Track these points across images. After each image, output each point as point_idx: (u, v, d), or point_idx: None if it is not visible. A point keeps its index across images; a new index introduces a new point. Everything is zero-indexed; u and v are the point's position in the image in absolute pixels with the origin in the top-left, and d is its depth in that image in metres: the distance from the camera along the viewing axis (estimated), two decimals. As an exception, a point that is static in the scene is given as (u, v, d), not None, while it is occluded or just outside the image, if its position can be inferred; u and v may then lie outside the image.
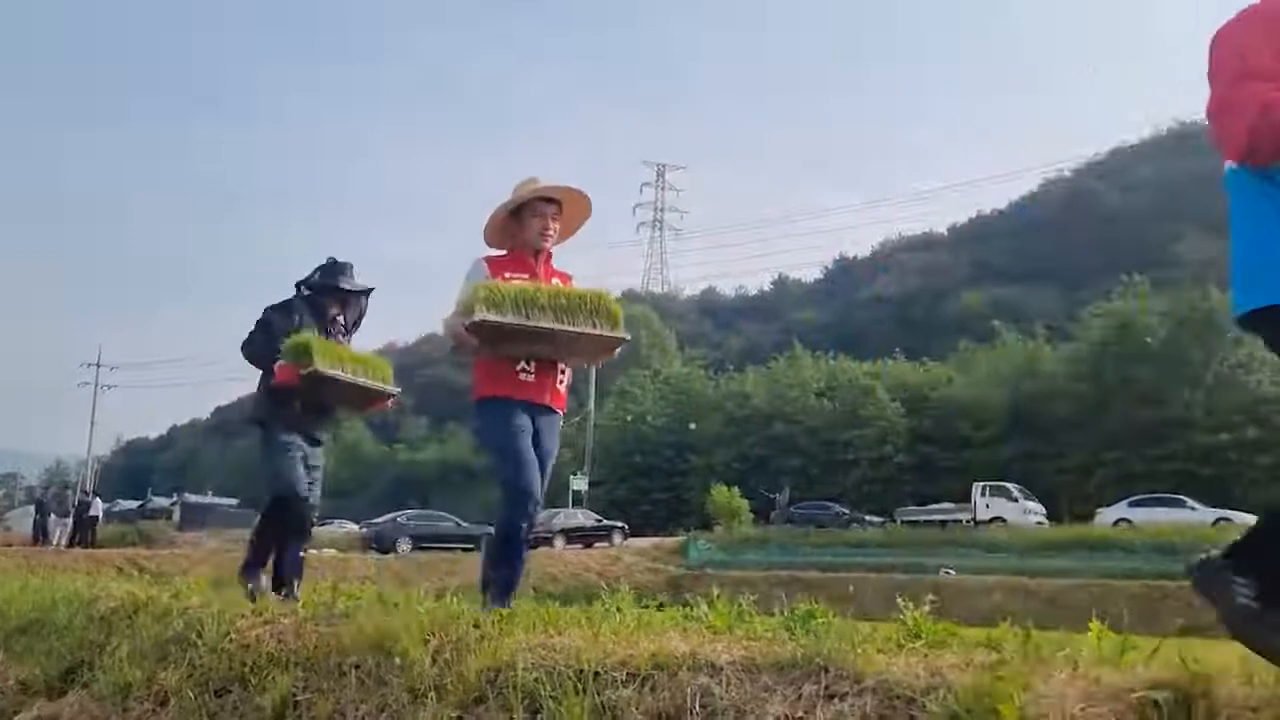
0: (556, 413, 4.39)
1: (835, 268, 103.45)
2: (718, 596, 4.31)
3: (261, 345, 5.63)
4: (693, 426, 55.08)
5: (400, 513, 39.55)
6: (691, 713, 2.59)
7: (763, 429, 53.14)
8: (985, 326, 57.57)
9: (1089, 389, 45.32)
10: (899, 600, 3.30)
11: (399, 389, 5.88)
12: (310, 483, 5.68)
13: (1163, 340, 43.74)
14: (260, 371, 5.70)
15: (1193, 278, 48.12)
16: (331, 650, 3.79)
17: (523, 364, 4.24)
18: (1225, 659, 2.17)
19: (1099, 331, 46.94)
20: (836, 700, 2.43)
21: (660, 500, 54.03)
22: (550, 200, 4.44)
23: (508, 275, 4.25)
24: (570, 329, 4.08)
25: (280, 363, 5.45)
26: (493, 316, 3.95)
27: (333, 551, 30.30)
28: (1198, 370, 41.66)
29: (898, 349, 58.17)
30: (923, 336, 64.29)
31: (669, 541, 38.37)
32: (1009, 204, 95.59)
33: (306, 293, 5.86)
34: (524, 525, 4.17)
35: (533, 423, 4.25)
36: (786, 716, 2.46)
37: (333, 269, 5.89)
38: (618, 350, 4.38)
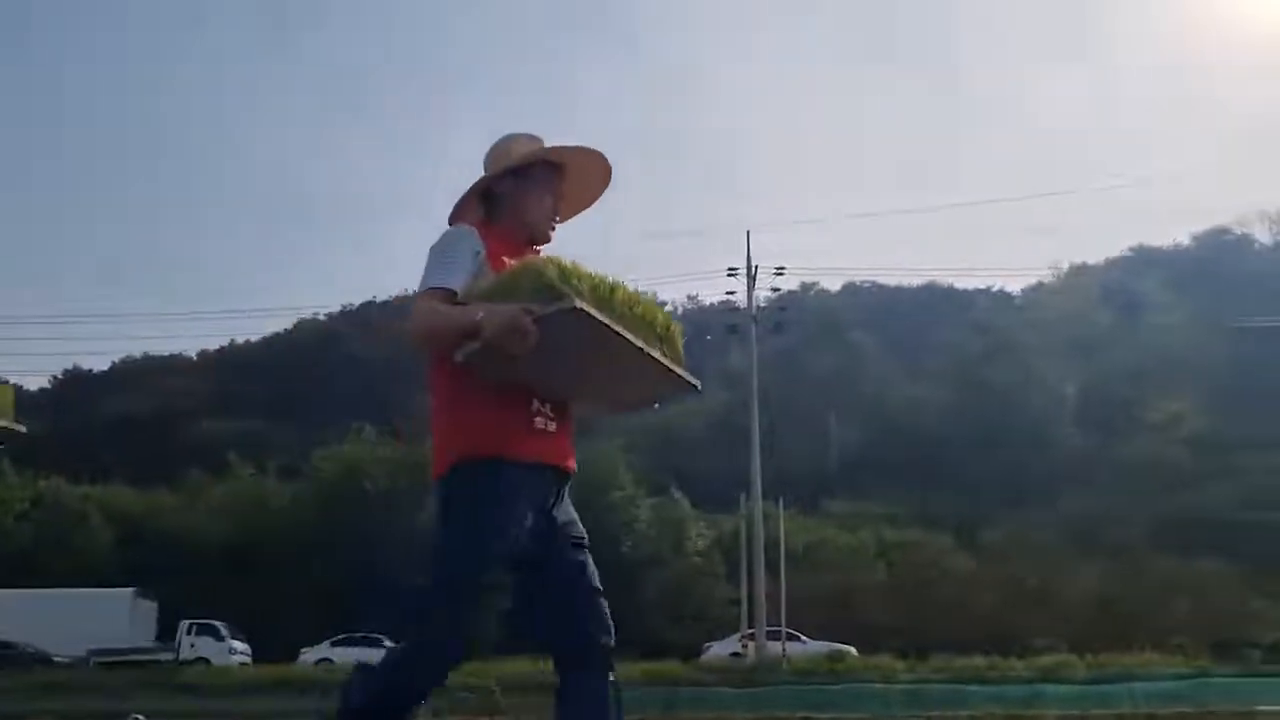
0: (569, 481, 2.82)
1: (66, 378, 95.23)
2: None
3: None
4: None
5: None
6: None
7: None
8: (222, 457, 57.23)
9: (312, 529, 47.02)
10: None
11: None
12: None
13: (383, 488, 47.17)
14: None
15: (418, 432, 53.04)
16: None
17: (537, 403, 2.69)
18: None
19: (327, 473, 49.39)
20: None
21: None
22: (556, 168, 2.86)
23: (506, 260, 2.66)
24: (654, 355, 2.64)
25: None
26: (593, 312, 2.45)
27: None
28: (408, 518, 45.55)
29: (122, 473, 55.36)
30: (158, 462, 61.81)
31: None
32: (262, 337, 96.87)
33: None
34: (426, 685, 2.66)
35: (546, 502, 2.69)
36: None
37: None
38: (663, 401, 2.97)
